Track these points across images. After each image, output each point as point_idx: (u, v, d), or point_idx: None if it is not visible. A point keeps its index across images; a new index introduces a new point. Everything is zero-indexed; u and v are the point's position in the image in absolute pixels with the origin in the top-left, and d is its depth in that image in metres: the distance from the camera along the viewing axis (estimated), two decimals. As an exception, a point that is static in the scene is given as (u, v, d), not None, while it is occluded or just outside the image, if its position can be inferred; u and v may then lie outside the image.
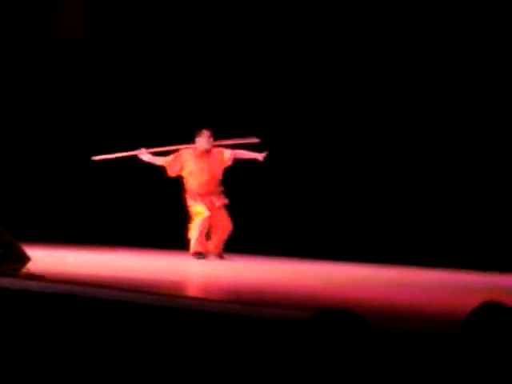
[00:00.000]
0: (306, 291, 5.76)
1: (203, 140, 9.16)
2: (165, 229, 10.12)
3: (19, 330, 4.66)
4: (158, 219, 10.49)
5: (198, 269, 8.40)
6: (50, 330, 4.53)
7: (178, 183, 9.43)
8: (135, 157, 9.41)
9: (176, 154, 9.27)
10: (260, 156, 9.16)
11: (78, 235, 11.47)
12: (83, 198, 12.00)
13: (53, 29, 12.52)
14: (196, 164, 9.23)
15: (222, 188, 9.28)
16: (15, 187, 12.30)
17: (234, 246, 9.73)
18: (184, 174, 9.25)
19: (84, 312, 4.48)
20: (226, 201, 9.18)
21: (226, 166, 9.28)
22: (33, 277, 5.39)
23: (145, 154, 9.31)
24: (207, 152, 9.23)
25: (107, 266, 7.84)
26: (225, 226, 9.06)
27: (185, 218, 9.23)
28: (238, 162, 9.38)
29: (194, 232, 8.97)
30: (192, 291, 6.59)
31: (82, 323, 4.44)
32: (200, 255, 8.89)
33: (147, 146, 9.41)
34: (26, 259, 5.83)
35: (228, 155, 9.24)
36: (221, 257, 9.00)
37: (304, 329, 3.02)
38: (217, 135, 9.37)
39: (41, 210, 12.11)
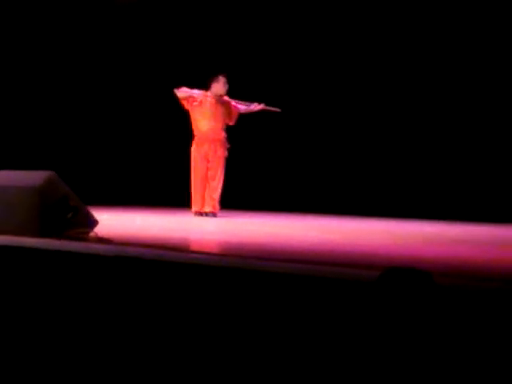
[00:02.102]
0: (370, 250, 5.74)
1: (219, 86, 9.47)
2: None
3: (90, 293, 4.75)
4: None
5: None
6: (119, 293, 4.61)
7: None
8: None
9: (198, 91, 9.53)
10: (255, 108, 9.57)
11: (144, 197, 11.67)
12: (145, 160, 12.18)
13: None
14: (209, 108, 9.49)
15: (225, 135, 9.58)
16: (79, 151, 12.49)
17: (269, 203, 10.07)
18: (195, 113, 9.53)
19: (152, 274, 4.53)
20: (226, 153, 9.50)
21: (230, 123, 9.65)
22: (101, 240, 5.47)
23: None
24: (221, 98, 9.48)
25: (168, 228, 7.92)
26: (217, 178, 9.42)
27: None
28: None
29: (192, 191, 9.46)
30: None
31: (150, 286, 4.50)
32: (200, 214, 9.38)
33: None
34: (94, 223, 5.92)
35: (235, 116, 9.63)
36: (214, 215, 9.35)
37: (371, 287, 3.04)
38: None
39: (104, 173, 12.28)
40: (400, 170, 10.18)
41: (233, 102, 9.59)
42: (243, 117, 9.73)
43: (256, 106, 9.55)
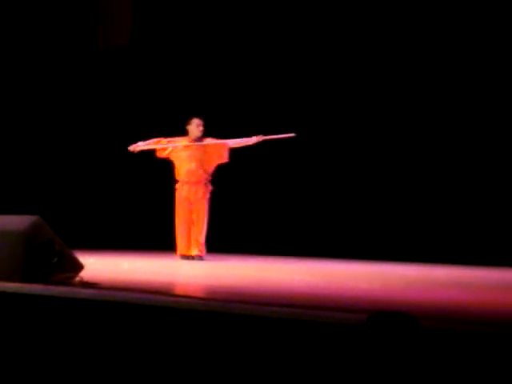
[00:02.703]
0: (357, 294, 5.75)
1: (192, 128, 9.55)
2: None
3: (74, 338, 4.73)
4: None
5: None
6: (104, 337, 4.59)
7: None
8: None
9: (170, 138, 9.66)
10: (251, 141, 9.47)
11: (128, 241, 11.63)
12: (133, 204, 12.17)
13: (100, 37, 12.69)
14: (185, 152, 9.56)
15: (208, 177, 9.60)
16: (63, 195, 12.48)
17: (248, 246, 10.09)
18: (173, 158, 9.63)
19: (139, 319, 4.52)
20: (208, 195, 9.51)
21: (223, 161, 9.60)
22: (87, 285, 5.45)
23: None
24: (199, 140, 9.54)
25: (158, 272, 7.90)
26: (201, 221, 9.42)
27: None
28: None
29: (177, 234, 9.48)
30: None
31: (136, 330, 4.49)
32: (186, 257, 9.37)
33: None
34: (79, 267, 5.90)
35: (226, 152, 9.54)
36: (200, 258, 9.35)
37: (358, 331, 3.05)
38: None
39: (89, 217, 12.27)
40: (383, 213, 10.19)
41: (218, 141, 9.62)
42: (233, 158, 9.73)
43: (251, 140, 9.48)
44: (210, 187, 9.58)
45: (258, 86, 11.24)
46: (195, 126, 9.56)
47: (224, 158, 9.55)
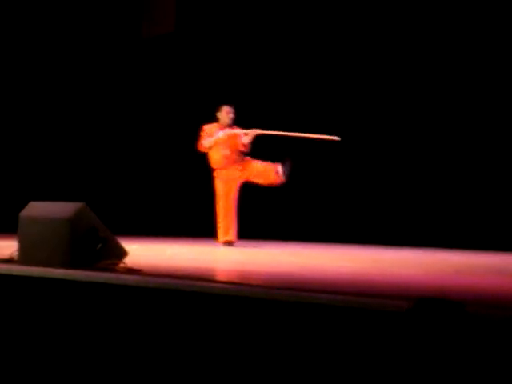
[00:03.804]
0: (401, 280, 5.70)
1: (223, 115, 9.68)
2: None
3: (118, 323, 4.75)
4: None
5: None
6: (148, 322, 4.61)
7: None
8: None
9: (203, 128, 9.69)
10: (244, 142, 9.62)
11: (174, 228, 11.68)
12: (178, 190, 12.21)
13: (144, 26, 12.72)
14: (218, 139, 9.63)
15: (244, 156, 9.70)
16: (108, 182, 12.56)
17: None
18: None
19: (182, 305, 4.52)
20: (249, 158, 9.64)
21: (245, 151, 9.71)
22: (130, 271, 5.47)
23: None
24: (230, 127, 9.65)
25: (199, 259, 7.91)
26: (265, 170, 9.51)
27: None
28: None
29: (220, 220, 9.49)
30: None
31: (180, 316, 4.49)
32: (229, 243, 9.39)
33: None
34: (123, 253, 5.92)
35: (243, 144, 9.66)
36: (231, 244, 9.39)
37: (403, 318, 3.01)
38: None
39: (133, 204, 12.34)
40: (430, 199, 10.13)
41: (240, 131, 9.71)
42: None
43: (250, 133, 9.57)
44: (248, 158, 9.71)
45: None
46: (225, 114, 9.70)
47: (243, 148, 9.67)
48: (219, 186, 9.61)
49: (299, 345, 3.93)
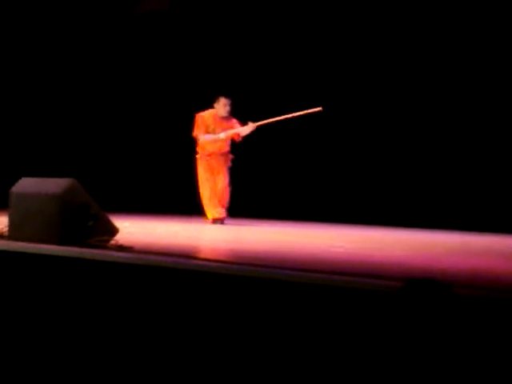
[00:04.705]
0: (390, 260, 5.72)
1: (219, 106, 9.74)
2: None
3: (108, 300, 4.76)
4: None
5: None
6: (138, 300, 4.61)
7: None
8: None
9: (198, 116, 9.83)
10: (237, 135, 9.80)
11: (163, 205, 11.68)
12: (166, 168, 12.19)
13: (137, 2, 12.64)
14: (215, 127, 9.76)
15: (229, 149, 9.88)
16: (99, 158, 12.54)
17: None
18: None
19: (172, 282, 4.53)
20: (229, 163, 9.78)
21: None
22: (121, 248, 5.48)
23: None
24: (225, 118, 9.76)
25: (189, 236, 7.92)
26: (223, 190, 9.65)
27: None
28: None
29: (205, 200, 9.66)
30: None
31: (169, 293, 4.50)
32: (219, 221, 9.52)
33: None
34: (114, 231, 5.93)
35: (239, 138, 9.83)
36: (222, 222, 9.56)
37: (392, 298, 3.02)
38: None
39: (125, 181, 12.32)
40: (421, 178, 10.13)
41: (236, 124, 9.81)
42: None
43: (245, 129, 9.68)
44: (229, 162, 9.83)
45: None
46: (222, 106, 9.75)
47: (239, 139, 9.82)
48: (201, 170, 9.69)
49: (289, 324, 3.95)
